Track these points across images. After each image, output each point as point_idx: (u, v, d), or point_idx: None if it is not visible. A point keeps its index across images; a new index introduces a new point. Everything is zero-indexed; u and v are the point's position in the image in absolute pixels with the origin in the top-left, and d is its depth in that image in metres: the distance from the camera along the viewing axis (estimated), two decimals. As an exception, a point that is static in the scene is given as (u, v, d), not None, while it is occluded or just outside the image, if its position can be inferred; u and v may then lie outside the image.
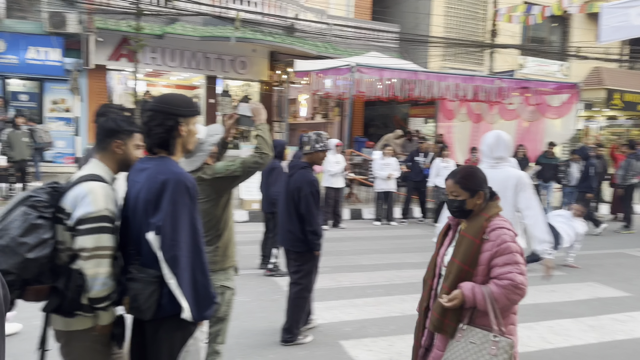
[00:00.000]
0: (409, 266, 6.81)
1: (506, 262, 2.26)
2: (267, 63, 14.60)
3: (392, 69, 11.08)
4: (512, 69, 16.44)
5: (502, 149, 3.57)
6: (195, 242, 2.08)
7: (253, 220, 9.56)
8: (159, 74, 15.27)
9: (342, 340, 4.26)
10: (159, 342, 2.11)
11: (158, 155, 2.19)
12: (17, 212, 1.98)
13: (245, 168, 2.80)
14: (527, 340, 4.32)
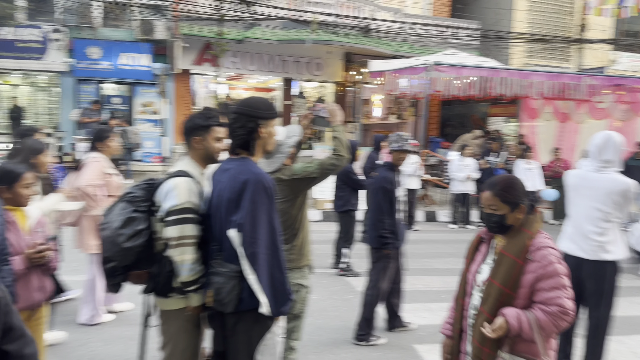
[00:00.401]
0: (487, 271, 6.57)
1: (554, 286, 2.04)
2: (341, 64, 14.69)
3: (471, 66, 10.74)
4: (602, 65, 15.34)
5: (611, 151, 3.36)
6: (273, 239, 2.17)
7: (326, 220, 9.66)
8: (238, 77, 15.84)
9: (416, 344, 4.20)
10: (238, 335, 2.21)
11: (240, 156, 2.30)
12: (118, 207, 2.29)
13: (323, 169, 2.84)
14: (617, 354, 4.03)
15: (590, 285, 3.42)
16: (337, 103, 15.57)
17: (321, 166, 2.84)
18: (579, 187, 3.46)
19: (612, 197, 3.31)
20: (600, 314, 3.42)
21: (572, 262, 3.46)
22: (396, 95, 13.43)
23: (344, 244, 6.20)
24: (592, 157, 3.44)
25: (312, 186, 2.94)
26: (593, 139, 3.47)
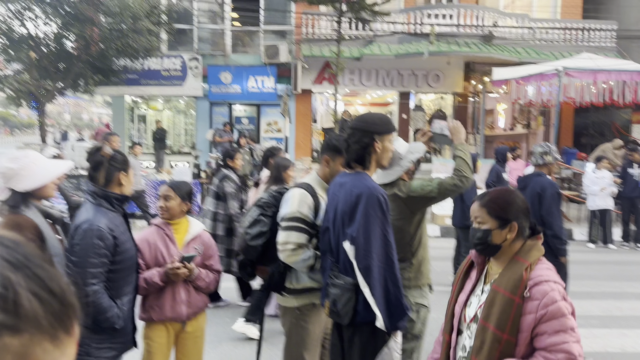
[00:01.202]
0: (631, 297, 5.88)
1: (558, 329, 1.66)
2: (461, 74, 14.26)
3: (608, 70, 9.77)
4: None
5: None
6: (386, 253, 2.19)
7: (445, 236, 9.36)
8: (355, 94, 16.14)
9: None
10: (354, 347, 2.26)
11: (355, 170, 2.36)
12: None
13: (442, 190, 2.73)
14: None
15: None
16: (457, 114, 15.23)
17: (441, 186, 2.73)
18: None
19: None
20: None
21: None
22: (523, 104, 12.67)
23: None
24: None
25: (430, 205, 2.85)
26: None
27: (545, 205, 3.92)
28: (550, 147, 4.23)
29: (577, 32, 13.45)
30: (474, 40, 13.23)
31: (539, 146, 4.28)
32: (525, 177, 4.28)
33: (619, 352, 4.29)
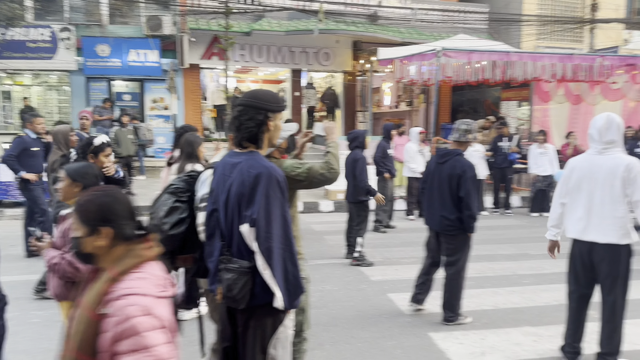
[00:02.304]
0: (502, 258, 6.54)
1: (133, 348, 1.48)
2: (350, 53, 14.60)
3: (481, 51, 10.59)
4: (615, 45, 15.02)
5: (614, 132, 3.36)
6: (286, 233, 2.16)
7: (338, 210, 9.66)
8: (247, 70, 15.84)
9: (432, 332, 4.20)
10: (250, 330, 2.21)
11: (247, 149, 2.27)
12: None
13: (311, 176, 2.72)
14: (634, 337, 3.98)
15: (604, 268, 3.39)
16: (346, 92, 15.54)
17: (309, 171, 2.71)
18: (586, 172, 3.43)
19: (618, 178, 3.28)
20: (616, 297, 3.40)
21: (584, 247, 3.46)
22: (406, 82, 13.32)
23: (357, 233, 6.20)
24: (594, 140, 3.41)
25: (296, 189, 2.80)
26: (594, 122, 3.43)
27: (465, 187, 4.17)
28: (473, 126, 4.36)
29: (453, 14, 14.35)
30: (361, 20, 13.56)
31: (463, 123, 4.36)
32: (446, 152, 4.38)
33: (492, 308, 4.75)
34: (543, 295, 5.06)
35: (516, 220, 9.19)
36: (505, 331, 4.22)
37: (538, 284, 5.43)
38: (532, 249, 6.92)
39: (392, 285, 5.37)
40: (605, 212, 3.34)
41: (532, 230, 8.28)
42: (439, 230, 4.35)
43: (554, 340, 3.98)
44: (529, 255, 6.67)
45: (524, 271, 5.94)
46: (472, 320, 4.41)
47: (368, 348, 3.90)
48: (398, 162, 9.08)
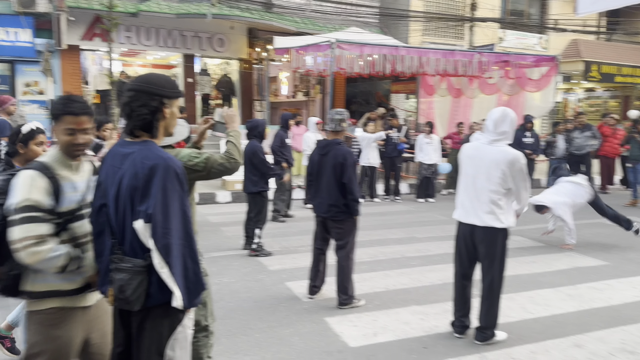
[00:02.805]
0: (392, 242, 6.88)
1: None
2: (246, 40, 14.34)
3: (372, 44, 10.98)
4: (491, 42, 16.42)
5: (507, 125, 3.66)
6: (186, 229, 2.03)
7: (236, 201, 9.52)
8: (134, 54, 14.91)
9: (327, 317, 4.30)
10: (146, 332, 2.07)
11: (141, 138, 2.10)
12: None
13: (209, 166, 2.63)
14: (508, 311, 4.41)
15: (483, 249, 3.72)
16: (242, 80, 15.24)
17: (208, 161, 2.62)
18: (473, 159, 3.72)
19: (501, 167, 3.59)
20: (493, 275, 3.74)
21: (467, 229, 3.76)
22: (302, 72, 13.42)
23: (255, 224, 6.15)
24: (489, 130, 3.70)
25: (194, 179, 2.68)
26: (491, 114, 3.73)
27: (347, 174, 4.39)
28: (345, 115, 4.54)
29: (346, 6, 14.69)
30: (256, 7, 13.38)
31: (336, 114, 4.50)
32: (327, 144, 4.52)
33: (384, 290, 4.99)
34: (429, 276, 5.42)
35: (405, 206, 9.73)
36: (395, 311, 4.45)
37: (424, 265, 5.79)
38: (419, 233, 7.37)
39: (291, 274, 5.42)
40: (484, 198, 3.64)
41: (419, 215, 8.83)
42: (327, 216, 4.51)
43: (439, 317, 4.28)
44: (416, 238, 7.09)
45: (411, 254, 6.31)
46: (365, 302, 4.59)
47: (265, 338, 3.90)
48: (296, 152, 9.16)
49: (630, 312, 4.49)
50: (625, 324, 4.21)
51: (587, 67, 18.17)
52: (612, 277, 5.44)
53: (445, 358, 3.61)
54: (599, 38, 20.13)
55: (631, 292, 4.98)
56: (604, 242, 6.96)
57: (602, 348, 3.78)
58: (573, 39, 18.45)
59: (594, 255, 6.32)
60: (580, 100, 22.67)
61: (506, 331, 3.97)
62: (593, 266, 5.87)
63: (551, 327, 4.15)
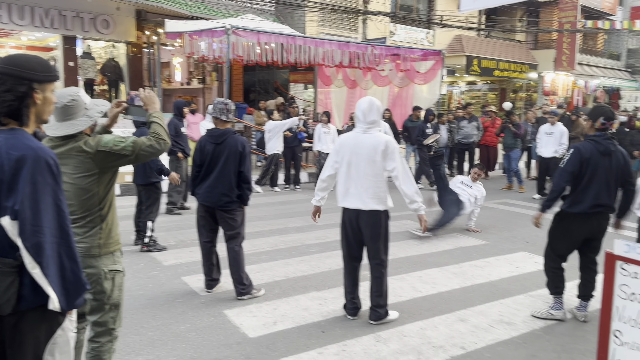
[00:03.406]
0: (292, 230, 6.93)
1: None
2: (134, 22, 13.50)
3: (269, 32, 10.88)
4: (384, 36, 17.09)
5: (375, 113, 3.88)
6: (60, 225, 1.86)
7: (125, 194, 9.00)
8: (6, 34, 13.38)
9: (226, 309, 4.22)
10: (21, 337, 1.87)
11: (8, 126, 1.88)
12: None
13: (137, 149, 2.53)
14: (399, 290, 4.65)
15: (368, 232, 3.92)
16: (131, 65, 14.33)
17: (135, 145, 2.52)
18: (353, 148, 3.91)
19: (378, 153, 3.81)
20: (380, 255, 3.96)
21: (352, 214, 3.95)
22: (197, 58, 12.96)
23: (147, 217, 5.84)
24: (359, 120, 3.91)
25: (122, 165, 2.60)
26: (358, 105, 3.93)
27: (246, 163, 4.36)
28: (230, 105, 4.43)
29: (242, -7, 14.42)
30: (145, -12, 12.63)
31: (220, 102, 4.38)
32: (221, 133, 4.38)
33: (284, 278, 5.01)
34: (327, 262, 5.53)
35: (305, 195, 9.84)
36: (295, 298, 4.49)
37: (323, 252, 5.91)
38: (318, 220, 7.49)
39: (187, 268, 5.23)
40: (367, 183, 3.85)
41: (318, 203, 8.99)
42: (218, 206, 4.40)
43: (336, 302, 4.39)
44: (315, 226, 7.18)
45: (311, 241, 6.40)
46: (265, 292, 4.58)
47: (159, 336, 3.73)
48: (192, 141, 8.81)
49: (506, 286, 4.95)
50: (502, 297, 4.64)
51: (469, 62, 19.66)
52: (490, 255, 5.95)
53: (342, 340, 3.71)
54: (479, 34, 21.83)
55: (507, 268, 5.49)
56: (484, 223, 7.59)
57: (483, 321, 4.12)
58: (457, 35, 19.83)
59: (475, 235, 6.87)
60: (463, 92, 24.49)
61: (398, 310, 4.18)
62: (474, 245, 6.38)
63: (438, 304, 4.45)
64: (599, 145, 3.93)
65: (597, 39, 26.52)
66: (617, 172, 3.96)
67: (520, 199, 9.60)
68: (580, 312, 4.20)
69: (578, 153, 3.95)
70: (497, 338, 3.82)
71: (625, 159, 4.02)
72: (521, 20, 23.90)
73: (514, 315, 4.25)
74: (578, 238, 4.08)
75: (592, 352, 2.89)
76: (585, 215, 3.97)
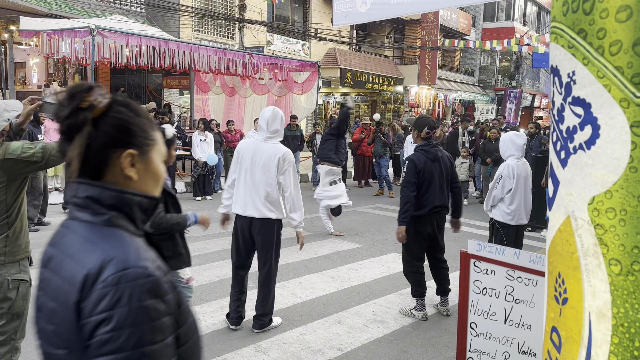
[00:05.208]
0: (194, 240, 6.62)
1: None
2: (-21, 17, 11.96)
3: (139, 35, 10.34)
4: (261, 45, 17.20)
5: (278, 123, 3.93)
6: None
7: None
8: None
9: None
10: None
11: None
12: None
13: (47, 154, 2.49)
14: (280, 298, 4.68)
15: (260, 240, 3.90)
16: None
17: (45, 151, 2.48)
18: (252, 156, 3.89)
19: (273, 163, 3.84)
20: (270, 264, 3.96)
21: (245, 222, 3.91)
22: (58, 59, 11.86)
23: None
24: (263, 129, 3.93)
25: (32, 171, 2.58)
26: (263, 114, 3.96)
27: None
28: None
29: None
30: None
31: None
32: None
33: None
34: (206, 274, 5.38)
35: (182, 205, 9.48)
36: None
37: (202, 264, 5.74)
38: (196, 231, 7.25)
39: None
40: (262, 191, 3.85)
41: (196, 214, 8.71)
42: None
43: (216, 315, 4.29)
44: (193, 237, 6.96)
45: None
46: None
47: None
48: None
49: (379, 286, 5.24)
50: (375, 297, 4.90)
51: (343, 74, 20.56)
52: (365, 258, 6.26)
53: (222, 354, 3.63)
54: (351, 48, 22.95)
55: (379, 269, 5.81)
56: (358, 227, 7.97)
57: (359, 321, 4.31)
58: (331, 48, 20.64)
59: (350, 239, 7.19)
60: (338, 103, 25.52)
61: (280, 316, 4.20)
62: (350, 249, 6.66)
63: (317, 308, 4.56)
64: (428, 153, 4.40)
65: (454, 56, 29.40)
66: (446, 175, 4.47)
67: (391, 204, 10.25)
68: (443, 307, 4.60)
69: (413, 164, 4.37)
70: (371, 337, 4.02)
71: (451, 162, 4.57)
72: (389, 36, 25.66)
73: (386, 313, 4.51)
74: (425, 235, 4.46)
75: (455, 344, 3.17)
76: (427, 216, 4.39)
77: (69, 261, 0.98)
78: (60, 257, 1.01)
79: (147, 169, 1.09)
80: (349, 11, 6.28)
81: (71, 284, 0.95)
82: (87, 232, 1.01)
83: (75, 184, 1.03)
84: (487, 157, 10.15)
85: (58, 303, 0.97)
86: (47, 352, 1.01)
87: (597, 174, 1.12)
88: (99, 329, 0.90)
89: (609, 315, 1.11)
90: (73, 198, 1.03)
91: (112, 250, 0.96)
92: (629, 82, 1.06)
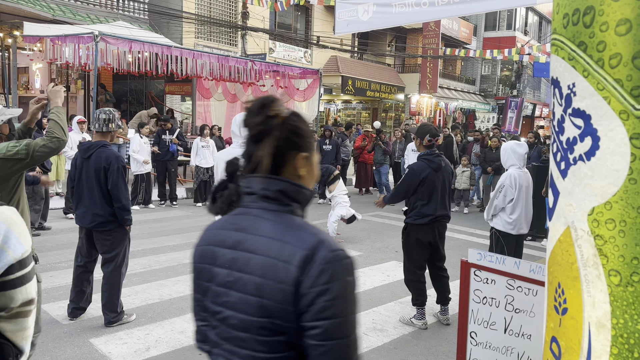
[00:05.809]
0: (168, 249, 6.63)
1: None
2: (-16, 22, 12.04)
3: (142, 41, 10.39)
4: (263, 52, 17.27)
5: None
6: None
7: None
8: None
9: (92, 338, 3.89)
10: None
11: None
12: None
13: (32, 151, 2.56)
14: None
15: None
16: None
17: (29, 147, 2.56)
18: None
19: None
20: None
21: None
22: (61, 65, 11.92)
23: None
24: (236, 135, 3.75)
25: (22, 169, 2.64)
26: (235, 120, 3.81)
27: (112, 180, 3.99)
28: (114, 114, 4.10)
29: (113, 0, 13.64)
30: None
31: (102, 112, 4.06)
32: (90, 146, 4.06)
33: (158, 301, 4.76)
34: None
35: (182, 212, 9.49)
36: (170, 322, 4.29)
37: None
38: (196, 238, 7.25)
39: (47, 295, 4.73)
40: None
41: (197, 220, 8.71)
42: (92, 227, 4.07)
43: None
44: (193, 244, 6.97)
45: (188, 259, 6.16)
46: (136, 317, 4.30)
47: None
48: (53, 155, 8.06)
49: (378, 294, 5.23)
50: (375, 305, 4.88)
51: (344, 81, 20.62)
52: (365, 265, 6.25)
53: None
54: (353, 56, 23.03)
55: (379, 277, 5.80)
56: (358, 235, 7.96)
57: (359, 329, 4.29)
58: (332, 55, 20.72)
59: (350, 247, 7.18)
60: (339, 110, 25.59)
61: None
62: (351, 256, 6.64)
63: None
64: (431, 163, 4.40)
65: (455, 65, 29.50)
66: (448, 184, 4.51)
67: (391, 211, 10.23)
68: (443, 316, 4.59)
69: (413, 173, 4.38)
70: (371, 345, 4.01)
71: (451, 171, 4.63)
72: (390, 45, 25.76)
73: (386, 322, 4.50)
74: (427, 244, 4.47)
75: (455, 353, 3.16)
76: (429, 224, 4.41)
77: (277, 243, 1.14)
78: (257, 240, 1.17)
79: (310, 168, 1.29)
80: (351, 19, 6.30)
81: (287, 262, 1.11)
82: (281, 219, 1.19)
83: (265, 179, 1.21)
84: (488, 166, 10.16)
85: (267, 278, 1.12)
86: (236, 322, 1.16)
87: (596, 185, 1.13)
88: (320, 298, 1.09)
89: (609, 326, 1.11)
90: (262, 190, 1.20)
91: (317, 234, 1.16)
92: (629, 95, 1.07)
